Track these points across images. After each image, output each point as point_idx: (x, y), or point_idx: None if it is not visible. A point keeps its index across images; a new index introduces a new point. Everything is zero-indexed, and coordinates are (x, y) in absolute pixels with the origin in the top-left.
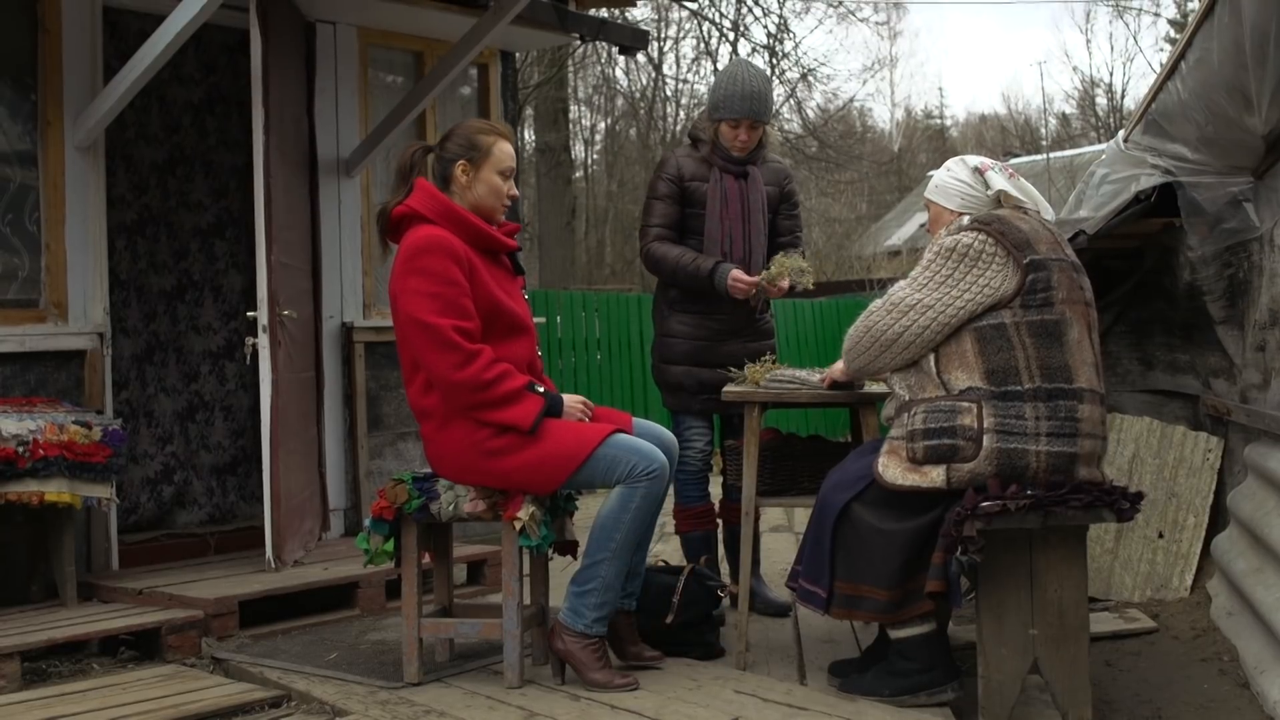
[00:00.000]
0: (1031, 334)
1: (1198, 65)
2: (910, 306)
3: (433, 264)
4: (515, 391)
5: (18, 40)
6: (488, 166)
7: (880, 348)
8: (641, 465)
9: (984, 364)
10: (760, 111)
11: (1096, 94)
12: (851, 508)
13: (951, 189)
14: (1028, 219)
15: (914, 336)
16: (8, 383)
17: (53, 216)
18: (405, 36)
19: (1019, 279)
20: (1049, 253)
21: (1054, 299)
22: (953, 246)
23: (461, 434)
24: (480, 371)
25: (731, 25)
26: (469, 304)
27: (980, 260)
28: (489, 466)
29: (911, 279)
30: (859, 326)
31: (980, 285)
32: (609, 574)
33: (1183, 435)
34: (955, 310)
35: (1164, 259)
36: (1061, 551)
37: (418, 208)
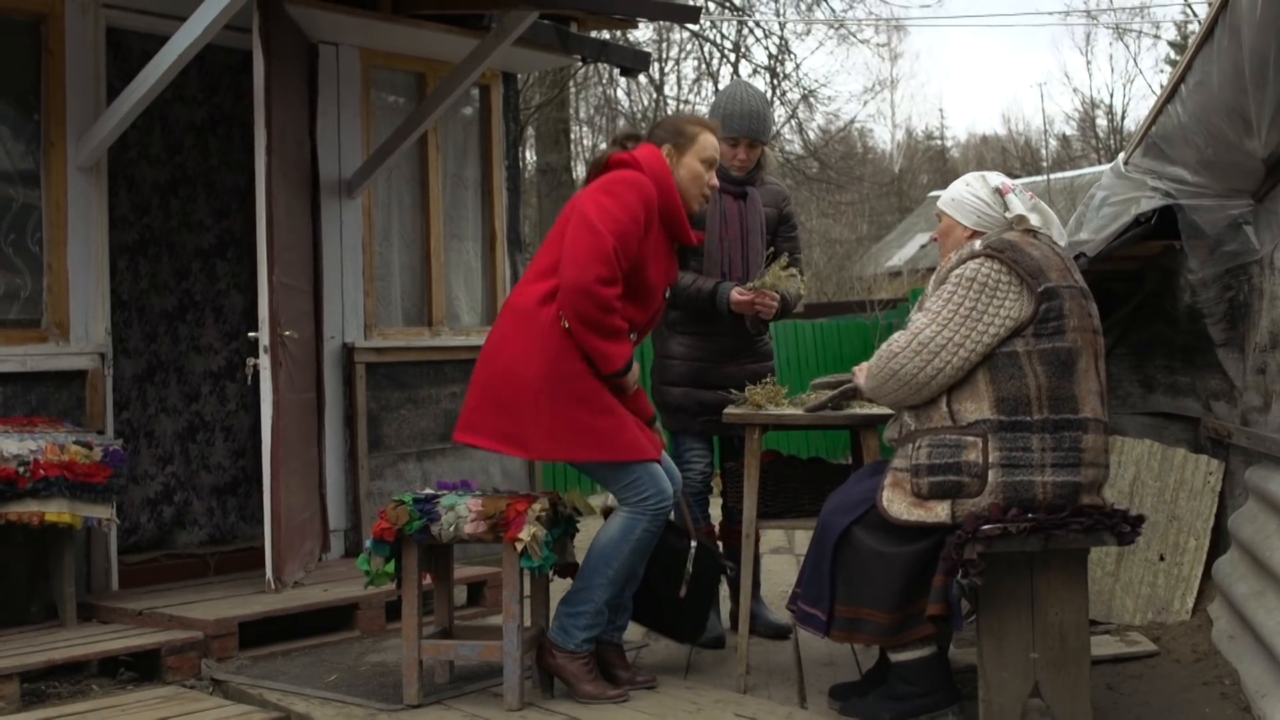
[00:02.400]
0: (1043, 362)
1: (1197, 88)
2: (940, 348)
3: (631, 199)
4: (623, 331)
5: (21, 61)
6: (691, 153)
7: (908, 390)
8: (654, 499)
9: (995, 392)
10: (759, 130)
11: (1097, 115)
12: (852, 531)
13: (968, 205)
14: (1038, 244)
15: (944, 378)
16: (9, 403)
17: (55, 237)
18: (407, 58)
19: (1033, 307)
20: (1060, 280)
21: (1065, 327)
22: (972, 277)
23: (558, 352)
24: (613, 299)
25: (733, 46)
26: (635, 247)
27: (998, 290)
28: (559, 397)
29: (933, 314)
30: (884, 367)
31: (1001, 317)
32: (601, 600)
33: (1184, 458)
34: (981, 347)
35: (1164, 281)
36: (1063, 575)
37: (642, 161)
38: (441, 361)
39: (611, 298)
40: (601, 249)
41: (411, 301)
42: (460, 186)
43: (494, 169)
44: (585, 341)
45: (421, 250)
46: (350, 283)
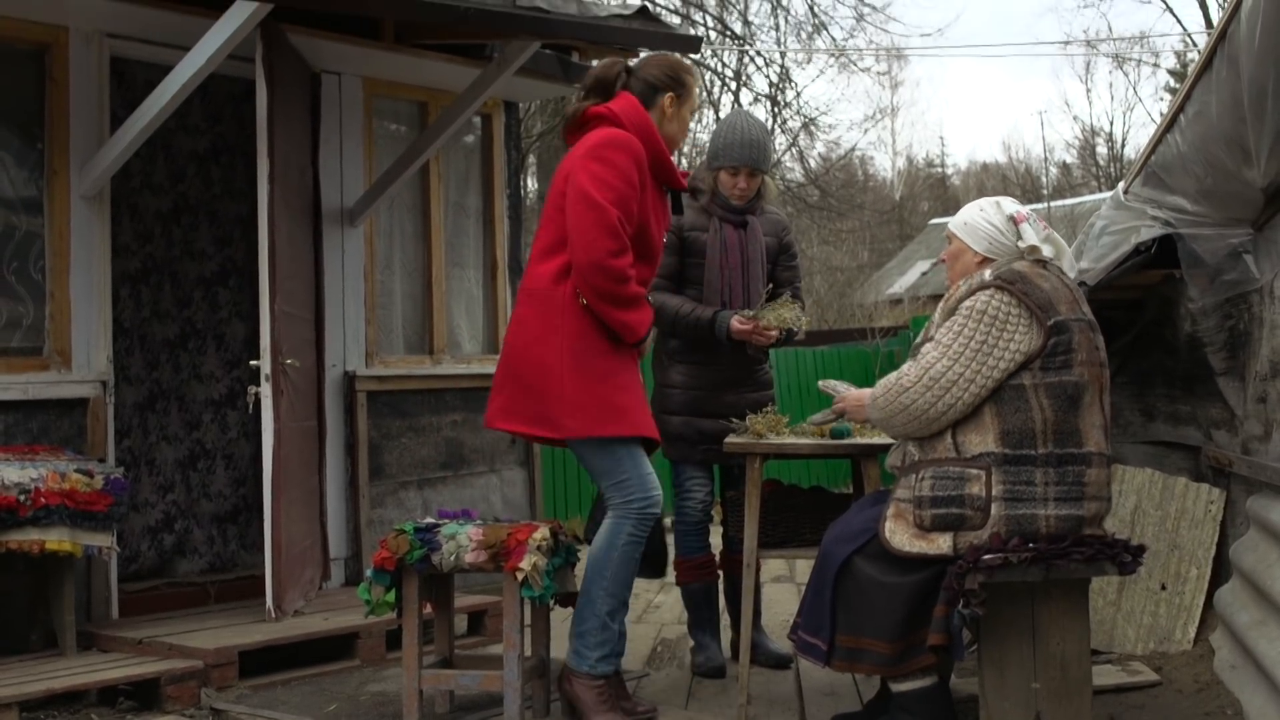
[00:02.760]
0: (1050, 396)
1: (1196, 118)
2: (951, 383)
3: (620, 159)
4: (640, 297)
5: (26, 90)
6: (687, 106)
7: (918, 424)
8: (639, 503)
9: (1000, 425)
10: (759, 159)
11: (1097, 143)
12: (854, 560)
13: (981, 231)
14: (1048, 275)
15: (954, 413)
16: (11, 430)
17: (58, 265)
18: (410, 87)
19: (1042, 341)
20: (1069, 313)
21: (1073, 361)
22: (983, 310)
23: (577, 329)
24: (626, 268)
25: (734, 74)
26: (635, 210)
27: (1008, 324)
28: (581, 374)
29: (944, 348)
30: (894, 401)
31: (1012, 350)
32: (603, 610)
33: (1185, 487)
34: (991, 381)
35: (1164, 310)
36: (1064, 604)
37: (619, 113)
38: (443, 390)
39: (624, 267)
40: (605, 222)
41: (413, 330)
42: (462, 215)
43: (496, 197)
44: (606, 315)
45: (423, 278)
46: (352, 311)
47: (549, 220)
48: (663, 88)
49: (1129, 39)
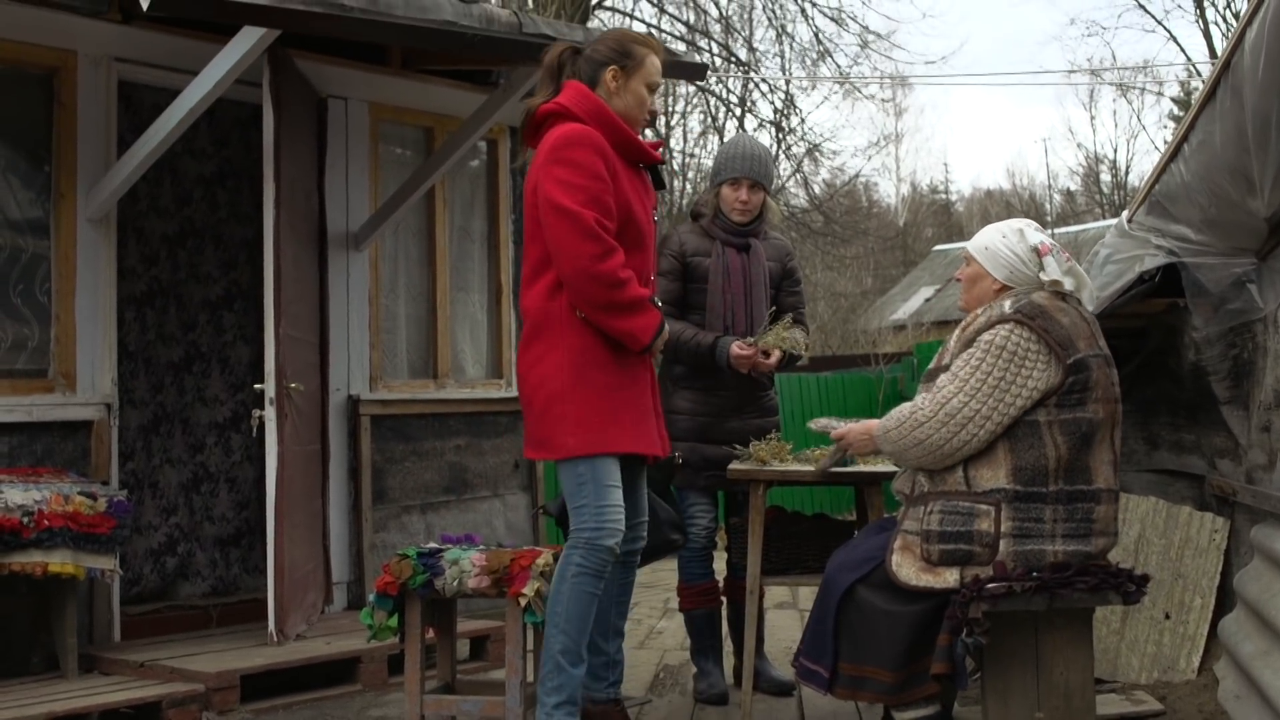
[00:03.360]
0: (1064, 433)
1: (1200, 148)
2: (968, 419)
3: (580, 156)
4: (641, 300)
5: (33, 113)
6: (638, 77)
7: (933, 458)
8: (590, 529)
9: (1013, 460)
10: (760, 172)
11: (1101, 170)
12: (857, 588)
13: (1002, 259)
14: (1067, 309)
15: (970, 449)
16: (15, 452)
17: (63, 287)
18: (416, 112)
19: (1061, 378)
20: (1088, 349)
21: (1089, 399)
22: (1002, 345)
23: (578, 344)
24: (618, 269)
25: (738, 101)
26: (611, 202)
27: (1026, 360)
28: (584, 390)
29: (961, 382)
30: (909, 435)
31: (1030, 387)
32: (555, 648)
33: (1189, 516)
34: (1008, 418)
35: (1169, 339)
36: (1068, 633)
37: (569, 105)
38: (446, 414)
39: (614, 270)
40: (582, 227)
41: (417, 354)
42: (467, 239)
43: (500, 222)
44: (607, 326)
45: (428, 303)
46: (356, 335)
47: (531, 238)
48: (606, 63)
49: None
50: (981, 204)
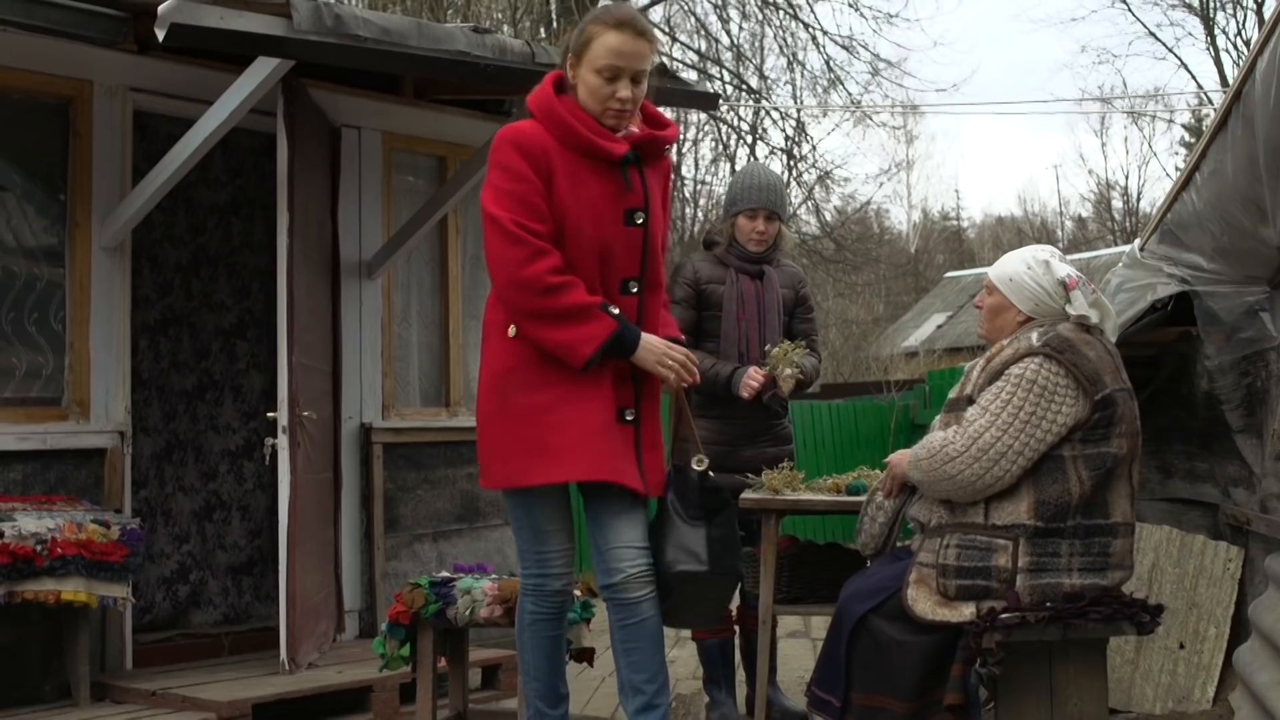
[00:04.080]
0: (1088, 468)
1: (1212, 177)
2: (1001, 454)
3: (503, 158)
4: (582, 307)
5: (50, 143)
6: (585, 63)
7: (964, 493)
8: (532, 575)
9: (1035, 494)
10: (776, 202)
11: (1112, 197)
12: (869, 618)
13: (1027, 290)
14: (1093, 342)
15: (1001, 485)
16: (29, 480)
17: (78, 316)
18: (429, 141)
19: (1088, 413)
20: (1113, 383)
21: (1113, 433)
22: (1032, 379)
23: (502, 365)
24: (546, 273)
25: (749, 128)
26: (540, 203)
27: (1055, 394)
28: (508, 416)
29: (992, 416)
30: (940, 469)
31: (1060, 422)
32: (532, 695)
33: (1203, 545)
34: (1039, 453)
35: (1181, 367)
36: (1082, 664)
37: (529, 102)
38: (458, 442)
39: (543, 273)
40: (503, 232)
41: (429, 382)
42: (479, 268)
43: None
44: (541, 338)
45: (440, 331)
46: (369, 363)
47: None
48: (565, 49)
49: (1144, 96)
50: (993, 230)
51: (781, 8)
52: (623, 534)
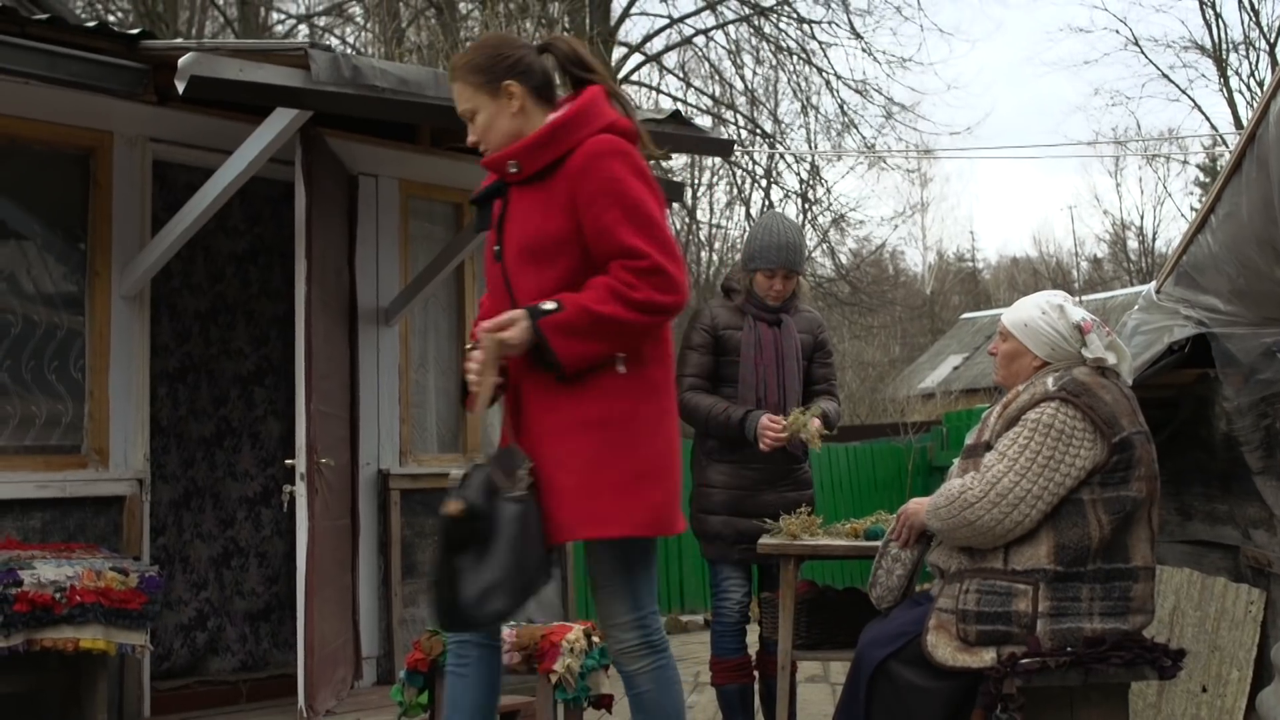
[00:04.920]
0: (1108, 511)
1: (1227, 219)
2: (1019, 499)
3: None
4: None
5: (70, 192)
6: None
7: (983, 539)
8: (657, 626)
9: (1055, 539)
10: (795, 261)
11: (1128, 237)
12: (889, 664)
13: (1043, 336)
14: (1109, 386)
15: (1021, 530)
16: (48, 528)
17: (97, 364)
18: (445, 189)
19: (1106, 456)
20: (1130, 426)
21: (1131, 476)
22: (1050, 424)
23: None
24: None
25: (764, 172)
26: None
27: (1073, 439)
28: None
29: (1010, 462)
30: (959, 515)
31: (1078, 466)
32: None
33: (1224, 587)
34: (1056, 498)
35: (1200, 409)
36: (1104, 709)
37: None
38: None
39: None
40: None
41: (447, 428)
42: None
43: None
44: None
45: (457, 377)
46: (386, 409)
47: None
48: None
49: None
50: (1008, 271)
51: (795, 53)
52: (601, 609)
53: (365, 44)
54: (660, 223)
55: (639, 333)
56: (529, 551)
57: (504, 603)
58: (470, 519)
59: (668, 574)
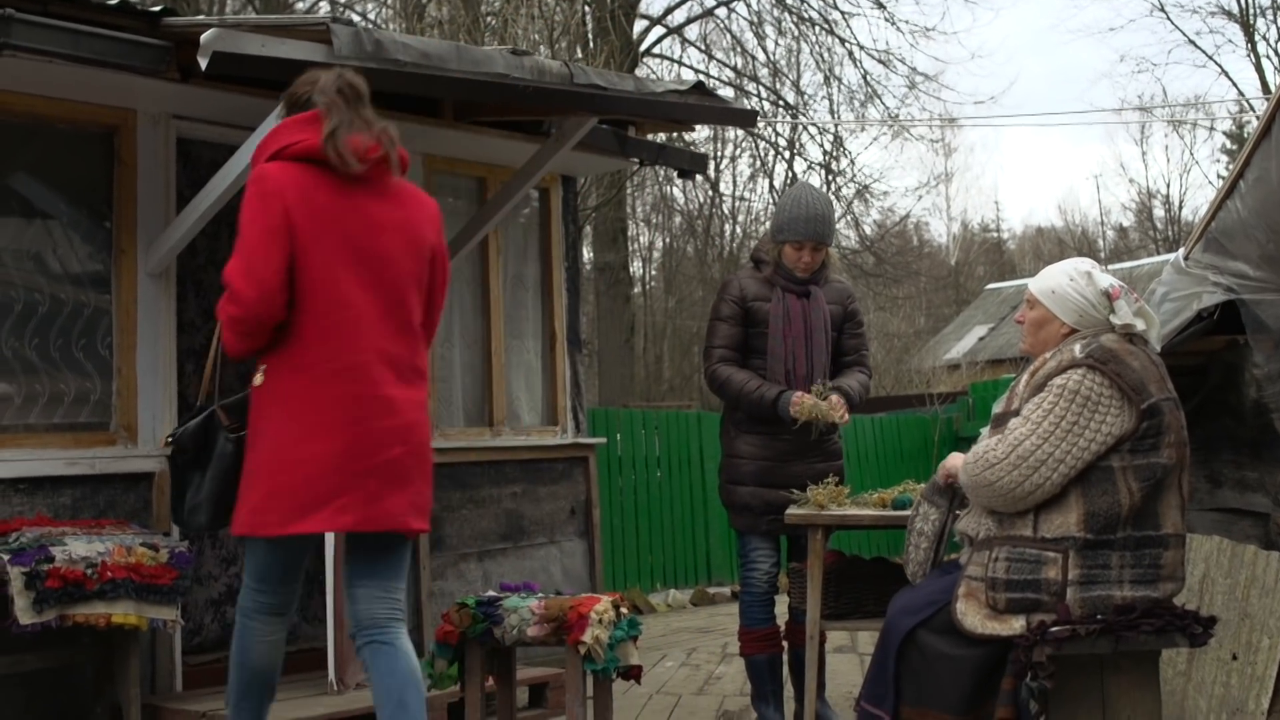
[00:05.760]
0: (1138, 479)
1: (1257, 184)
2: (1040, 462)
3: None
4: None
5: (94, 171)
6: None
7: (1005, 501)
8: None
9: (1085, 506)
10: (824, 234)
11: (1154, 205)
12: (918, 632)
13: (1071, 303)
14: (1137, 353)
15: (1042, 493)
16: (78, 505)
17: (124, 341)
18: (469, 163)
19: (1134, 423)
20: (1159, 393)
21: (1162, 444)
22: (1075, 390)
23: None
24: None
25: (787, 144)
26: None
27: (1100, 405)
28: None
29: (1033, 425)
30: (980, 476)
31: (1104, 432)
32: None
33: (1254, 554)
34: (1081, 463)
35: (1229, 376)
36: (1134, 676)
37: None
38: (502, 461)
39: None
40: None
41: (473, 401)
42: (520, 287)
43: (554, 269)
44: None
45: (482, 350)
46: None
47: (422, 295)
48: None
49: (1184, 104)
50: (1034, 241)
51: (817, 24)
52: None
53: (385, 20)
54: (249, 241)
55: (236, 339)
56: (229, 482)
57: (205, 518)
58: (179, 450)
59: (694, 546)
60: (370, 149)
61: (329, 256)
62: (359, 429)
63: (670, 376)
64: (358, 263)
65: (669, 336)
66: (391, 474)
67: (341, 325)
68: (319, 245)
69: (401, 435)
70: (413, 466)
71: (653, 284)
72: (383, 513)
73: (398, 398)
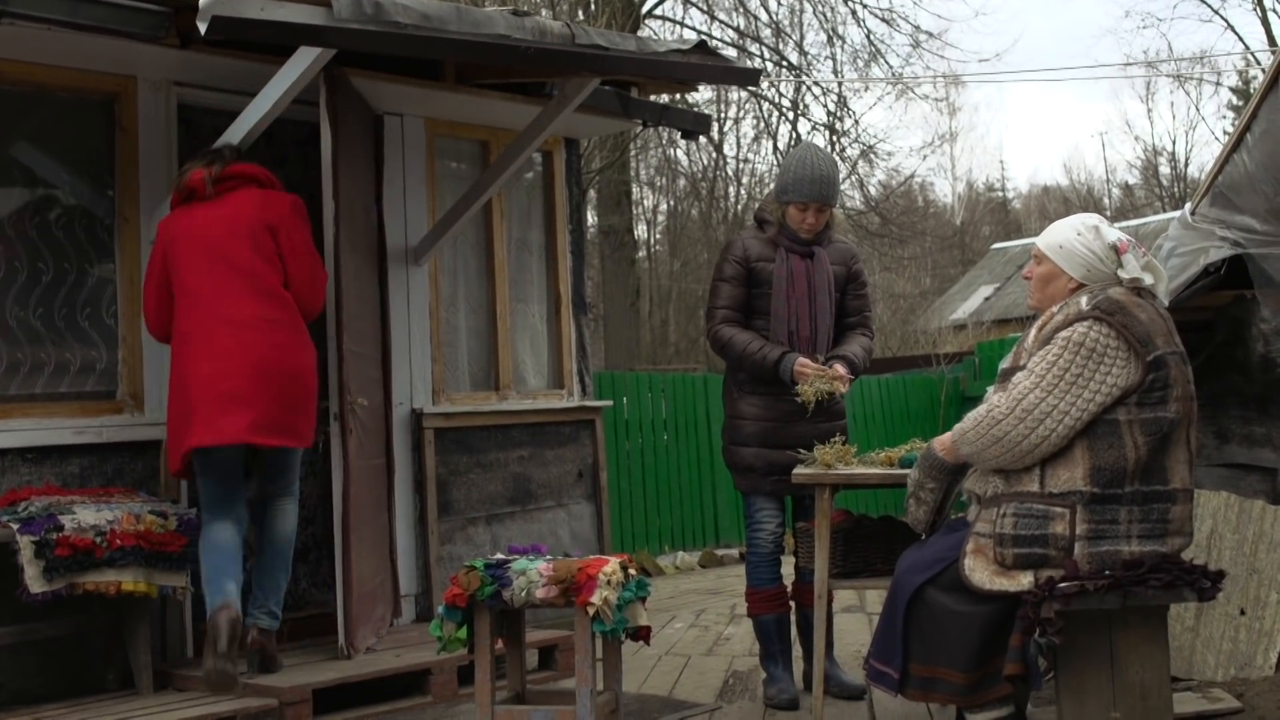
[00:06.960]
0: (1144, 433)
1: (1264, 137)
2: (1045, 414)
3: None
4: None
5: (96, 140)
6: None
7: (1012, 455)
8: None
9: (1091, 460)
10: (828, 195)
11: (1160, 163)
12: (926, 590)
13: (1078, 257)
14: (1144, 305)
15: (1048, 445)
16: (86, 473)
17: (129, 310)
18: (471, 127)
19: (1140, 376)
20: (1165, 346)
21: (1169, 397)
22: (1080, 341)
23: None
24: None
25: (791, 105)
26: None
27: (1105, 357)
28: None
29: (1037, 378)
30: (987, 433)
31: (1109, 384)
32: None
33: (1262, 509)
34: (1087, 415)
35: (1236, 331)
36: (1142, 631)
37: (267, 180)
38: (509, 425)
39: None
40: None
41: (479, 366)
42: (525, 251)
43: (558, 233)
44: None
45: (487, 315)
46: (418, 349)
47: (271, 263)
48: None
49: (1190, 59)
50: (1039, 200)
51: None
52: None
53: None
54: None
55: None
56: None
57: None
58: None
59: (702, 508)
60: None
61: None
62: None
63: (676, 340)
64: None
65: (674, 300)
66: (229, 401)
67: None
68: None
69: (255, 364)
70: (252, 392)
71: (657, 247)
72: (222, 430)
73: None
